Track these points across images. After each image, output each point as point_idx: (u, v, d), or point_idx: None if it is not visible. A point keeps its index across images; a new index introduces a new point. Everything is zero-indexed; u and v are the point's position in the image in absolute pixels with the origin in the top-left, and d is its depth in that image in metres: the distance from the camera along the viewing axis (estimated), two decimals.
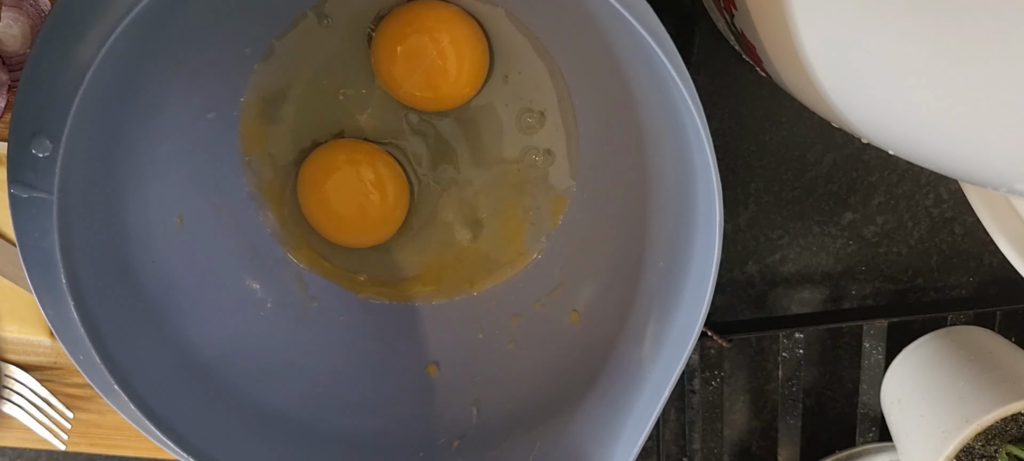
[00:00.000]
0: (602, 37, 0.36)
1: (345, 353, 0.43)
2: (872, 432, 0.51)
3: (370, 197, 0.42)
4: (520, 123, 0.42)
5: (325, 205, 0.42)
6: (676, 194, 0.36)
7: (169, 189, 0.39)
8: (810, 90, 0.30)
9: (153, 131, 0.37)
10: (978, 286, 0.52)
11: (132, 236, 0.37)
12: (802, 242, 0.51)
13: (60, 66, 0.29)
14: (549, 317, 0.43)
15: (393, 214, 0.43)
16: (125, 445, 0.54)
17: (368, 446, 0.40)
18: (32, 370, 0.52)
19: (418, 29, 0.40)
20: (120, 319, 0.35)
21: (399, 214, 0.43)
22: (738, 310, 0.52)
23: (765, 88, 0.47)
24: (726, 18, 0.35)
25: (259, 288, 0.42)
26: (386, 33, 0.40)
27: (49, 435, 0.52)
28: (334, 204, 0.42)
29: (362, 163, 0.42)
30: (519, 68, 0.42)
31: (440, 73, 0.40)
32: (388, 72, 0.41)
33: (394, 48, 0.40)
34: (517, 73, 0.42)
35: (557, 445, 0.37)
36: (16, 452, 0.58)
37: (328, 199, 0.42)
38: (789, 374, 0.50)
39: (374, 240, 0.44)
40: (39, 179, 0.30)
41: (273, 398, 0.40)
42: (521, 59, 0.41)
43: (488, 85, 0.42)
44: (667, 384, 0.34)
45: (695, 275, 0.34)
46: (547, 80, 0.41)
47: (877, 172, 0.49)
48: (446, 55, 0.40)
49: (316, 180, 0.42)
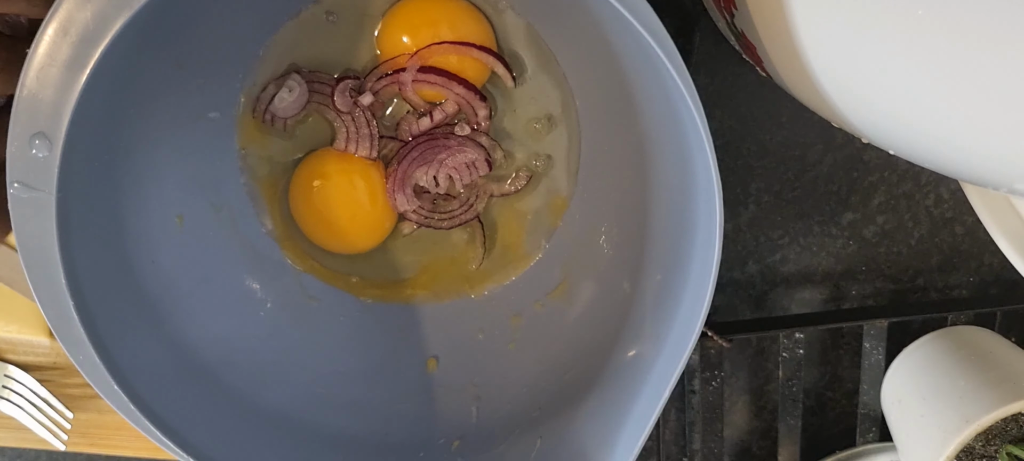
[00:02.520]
0: (603, 38, 0.36)
1: (345, 353, 0.43)
2: (872, 432, 0.51)
3: (360, 204, 0.42)
4: (527, 128, 0.42)
5: (314, 211, 0.42)
6: (676, 194, 0.36)
7: (169, 189, 0.39)
8: (810, 90, 0.30)
9: (153, 131, 0.37)
10: (978, 286, 0.52)
11: (132, 236, 0.37)
12: (802, 242, 0.51)
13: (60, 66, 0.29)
14: (549, 317, 0.43)
15: (383, 221, 0.43)
16: (125, 445, 0.54)
17: (368, 446, 0.40)
18: (32, 370, 0.52)
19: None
20: (120, 319, 0.35)
21: (389, 221, 0.44)
22: (738, 310, 0.52)
23: (765, 88, 0.47)
24: (726, 18, 0.35)
25: (259, 288, 0.42)
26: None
27: (49, 435, 0.52)
28: (323, 210, 0.42)
29: (354, 171, 0.42)
30: (528, 72, 0.42)
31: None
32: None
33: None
34: (526, 78, 0.42)
35: (557, 445, 0.37)
36: (16, 452, 0.58)
37: (318, 205, 0.42)
38: (789, 374, 0.50)
39: (364, 246, 0.44)
40: (39, 179, 0.30)
41: (273, 398, 0.40)
42: (529, 63, 0.41)
43: (497, 91, 0.42)
44: (667, 384, 0.34)
45: (695, 275, 0.34)
46: (553, 84, 0.41)
47: (877, 172, 0.49)
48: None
49: (307, 186, 0.42)
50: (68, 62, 0.29)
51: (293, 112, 0.41)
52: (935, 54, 0.23)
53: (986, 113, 0.24)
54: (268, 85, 0.41)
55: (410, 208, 0.43)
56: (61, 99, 0.29)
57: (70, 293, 0.32)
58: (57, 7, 0.29)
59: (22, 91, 0.29)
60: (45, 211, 0.31)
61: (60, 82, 0.29)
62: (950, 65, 0.23)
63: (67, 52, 0.29)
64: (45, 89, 0.29)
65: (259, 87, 0.41)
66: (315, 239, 0.43)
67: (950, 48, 0.23)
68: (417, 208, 0.43)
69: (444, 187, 0.43)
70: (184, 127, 0.39)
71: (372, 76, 0.41)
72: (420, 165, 0.42)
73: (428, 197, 0.44)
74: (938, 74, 0.24)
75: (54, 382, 0.52)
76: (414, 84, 0.41)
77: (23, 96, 0.29)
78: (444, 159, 0.42)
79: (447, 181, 0.43)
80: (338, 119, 0.41)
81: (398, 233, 0.44)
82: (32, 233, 0.31)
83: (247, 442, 0.38)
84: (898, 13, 0.24)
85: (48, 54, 0.29)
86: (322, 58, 0.41)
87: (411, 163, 0.42)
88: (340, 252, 0.44)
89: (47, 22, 0.29)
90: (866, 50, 0.25)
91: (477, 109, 0.41)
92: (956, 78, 0.24)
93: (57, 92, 0.29)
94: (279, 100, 0.41)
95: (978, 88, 0.23)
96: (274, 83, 0.41)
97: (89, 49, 0.29)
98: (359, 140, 0.42)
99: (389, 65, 0.41)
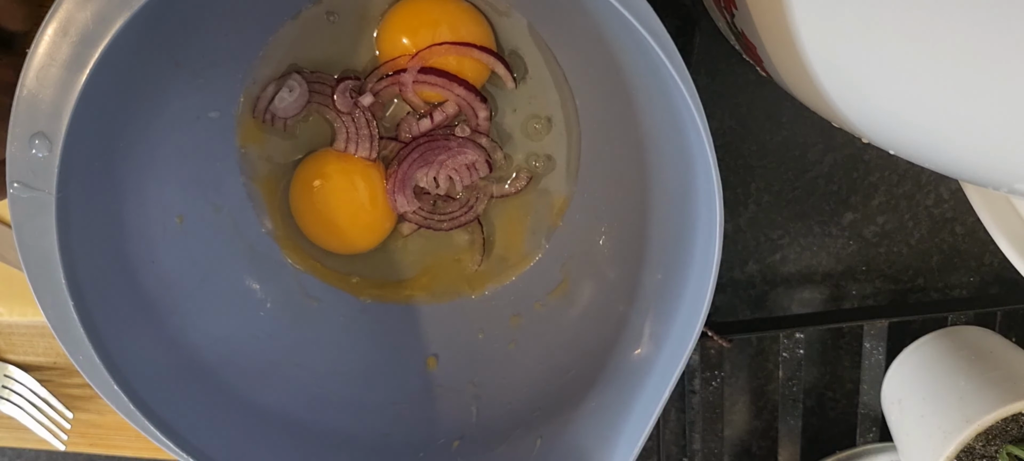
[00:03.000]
0: (603, 38, 0.36)
1: (345, 353, 0.43)
2: (872, 432, 0.51)
3: (360, 204, 0.42)
4: (526, 129, 0.42)
5: (314, 211, 0.42)
6: (676, 194, 0.36)
7: (169, 189, 0.39)
8: (810, 90, 0.30)
9: (153, 131, 0.37)
10: (978, 286, 0.52)
11: (132, 236, 0.37)
12: (802, 242, 0.51)
13: (60, 65, 0.29)
14: (549, 317, 0.43)
15: (383, 221, 0.43)
16: (125, 445, 0.54)
17: (368, 446, 0.40)
18: (32, 370, 0.52)
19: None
20: (120, 319, 0.35)
21: (389, 222, 0.44)
22: (738, 310, 0.52)
23: (765, 88, 0.47)
24: (726, 18, 0.35)
25: (259, 288, 0.42)
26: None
27: (49, 435, 0.52)
28: (323, 210, 0.42)
29: (354, 172, 0.42)
30: (528, 73, 0.42)
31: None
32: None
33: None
34: (525, 78, 0.42)
35: (557, 445, 0.37)
36: (16, 452, 0.58)
37: (318, 205, 0.42)
38: (789, 374, 0.50)
39: (364, 246, 0.44)
40: (39, 179, 0.30)
41: (273, 398, 0.40)
42: (529, 63, 0.41)
43: (497, 92, 0.42)
44: (667, 384, 0.34)
45: (695, 275, 0.34)
46: (553, 84, 0.41)
47: (877, 172, 0.49)
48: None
49: (307, 186, 0.42)
50: (68, 62, 0.29)
51: (293, 112, 0.41)
52: (935, 54, 0.23)
53: (986, 112, 0.24)
54: (268, 85, 0.41)
55: (410, 209, 0.43)
56: (61, 99, 0.29)
57: (70, 293, 0.32)
58: (57, 7, 0.29)
59: (22, 91, 0.29)
60: (45, 211, 0.31)
61: (60, 82, 0.29)
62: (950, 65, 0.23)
63: (67, 52, 0.29)
64: (45, 89, 0.29)
65: (259, 86, 0.41)
66: (315, 239, 0.43)
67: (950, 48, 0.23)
68: (417, 209, 0.43)
69: (444, 188, 0.43)
70: (184, 127, 0.39)
71: (372, 77, 0.41)
72: (420, 166, 0.42)
73: (428, 198, 0.44)
74: (938, 74, 0.24)
75: (54, 382, 0.52)
76: (415, 85, 0.41)
77: (23, 96, 0.29)
78: (444, 160, 0.42)
79: (447, 182, 0.43)
80: (338, 119, 0.41)
81: (398, 234, 0.44)
82: (32, 233, 0.31)
83: (247, 442, 0.38)
84: (898, 13, 0.24)
85: (48, 54, 0.29)
86: (322, 58, 0.41)
87: (411, 164, 0.42)
88: (340, 252, 0.44)
89: (47, 22, 0.29)
90: (866, 50, 0.25)
91: (477, 110, 0.41)
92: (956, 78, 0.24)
93: (57, 92, 0.29)
94: (279, 100, 0.41)
95: (978, 87, 0.23)
96: (274, 83, 0.41)
97: (89, 49, 0.29)
98: (359, 141, 0.42)
99: (390, 66, 0.41)
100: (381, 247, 0.44)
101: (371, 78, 0.41)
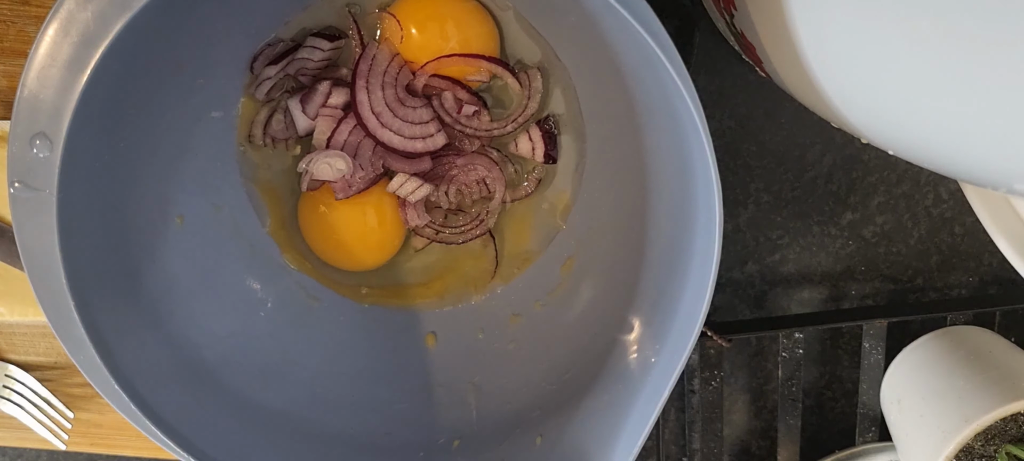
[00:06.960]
0: (603, 39, 0.36)
1: (345, 353, 0.43)
2: (872, 432, 0.51)
3: (368, 225, 0.43)
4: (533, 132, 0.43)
5: (324, 235, 0.43)
6: (676, 194, 0.36)
7: (169, 189, 0.39)
8: (810, 90, 0.30)
9: (154, 131, 0.37)
10: (978, 286, 0.52)
11: (132, 236, 0.37)
12: (802, 242, 0.51)
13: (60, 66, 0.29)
14: (549, 317, 0.43)
15: (392, 239, 0.43)
16: (125, 445, 0.54)
17: (368, 446, 0.40)
18: (33, 370, 0.52)
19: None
20: (120, 319, 0.35)
21: (398, 238, 0.44)
22: (738, 310, 0.52)
23: (765, 88, 0.47)
24: (726, 18, 0.35)
25: (259, 288, 0.42)
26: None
27: (49, 435, 0.52)
28: (332, 234, 0.42)
29: (362, 194, 0.42)
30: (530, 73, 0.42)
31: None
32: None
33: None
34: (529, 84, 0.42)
35: (557, 444, 0.37)
36: (16, 452, 0.58)
37: (326, 229, 0.42)
38: (789, 374, 0.50)
39: (374, 263, 0.44)
40: (40, 179, 0.30)
41: (273, 398, 0.40)
42: (531, 63, 0.41)
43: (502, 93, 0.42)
44: (667, 384, 0.34)
45: (695, 275, 0.34)
46: (558, 87, 0.42)
47: (877, 172, 0.49)
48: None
49: (315, 211, 0.42)
50: (69, 62, 0.29)
51: (291, 135, 0.42)
52: (935, 54, 0.23)
53: (986, 113, 0.24)
54: (261, 110, 0.41)
55: (422, 223, 0.43)
56: (62, 99, 0.29)
57: (71, 293, 0.32)
58: (58, 7, 0.29)
59: (23, 91, 0.29)
60: (46, 211, 0.31)
61: (61, 82, 0.29)
62: (950, 65, 0.23)
63: (68, 52, 0.29)
64: (46, 89, 0.29)
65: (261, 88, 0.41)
66: (326, 259, 0.44)
67: (949, 48, 0.23)
68: (429, 223, 0.43)
69: (455, 202, 0.43)
70: (185, 127, 0.39)
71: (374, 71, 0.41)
72: (431, 181, 0.42)
73: (439, 212, 0.44)
74: (938, 74, 0.24)
75: (54, 382, 0.52)
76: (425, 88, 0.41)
77: (24, 96, 0.29)
78: (454, 176, 0.42)
79: (457, 195, 0.43)
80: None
81: (409, 248, 0.44)
82: (33, 233, 0.31)
83: (247, 442, 0.38)
84: (898, 13, 0.24)
85: (49, 54, 0.29)
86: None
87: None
88: (351, 270, 0.44)
89: (48, 22, 0.29)
90: (866, 50, 0.25)
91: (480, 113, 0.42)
92: (956, 78, 0.24)
93: (58, 92, 0.29)
94: (276, 123, 0.41)
95: (977, 88, 0.23)
96: (267, 107, 0.41)
97: (90, 49, 0.29)
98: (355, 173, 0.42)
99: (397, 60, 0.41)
100: (392, 261, 0.44)
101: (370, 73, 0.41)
